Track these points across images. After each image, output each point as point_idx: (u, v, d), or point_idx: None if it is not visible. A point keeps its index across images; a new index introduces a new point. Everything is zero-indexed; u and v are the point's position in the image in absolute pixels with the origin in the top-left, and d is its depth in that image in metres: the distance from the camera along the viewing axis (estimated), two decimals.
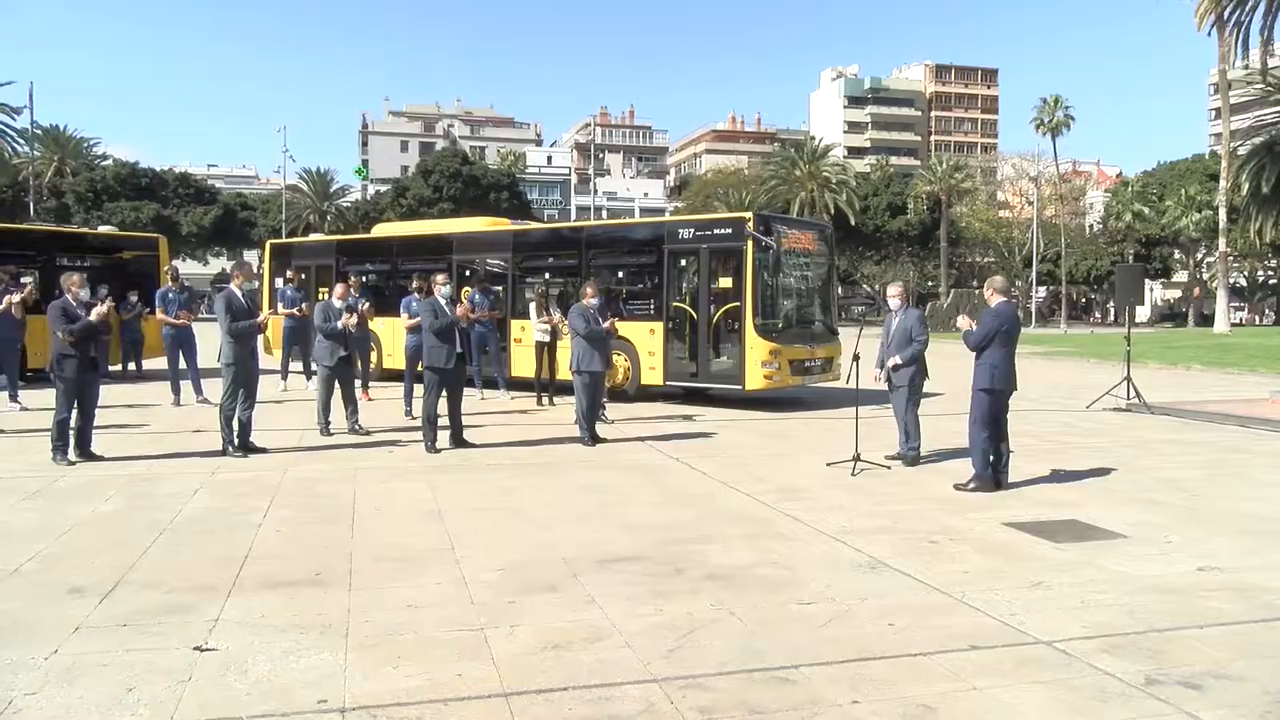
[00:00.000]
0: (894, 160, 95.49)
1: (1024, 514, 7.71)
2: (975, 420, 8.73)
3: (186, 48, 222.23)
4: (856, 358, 10.08)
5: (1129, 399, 15.54)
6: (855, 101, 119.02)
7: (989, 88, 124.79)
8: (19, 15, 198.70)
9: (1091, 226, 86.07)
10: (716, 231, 15.10)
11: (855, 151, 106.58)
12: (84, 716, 3.83)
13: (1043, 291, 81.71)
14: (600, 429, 11.62)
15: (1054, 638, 4.83)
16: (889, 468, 9.60)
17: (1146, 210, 71.23)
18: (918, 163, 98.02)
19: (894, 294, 10.77)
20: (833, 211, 66.01)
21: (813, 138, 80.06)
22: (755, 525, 7.28)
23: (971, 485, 8.67)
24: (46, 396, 10.06)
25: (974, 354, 8.84)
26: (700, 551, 6.46)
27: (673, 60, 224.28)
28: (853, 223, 66.83)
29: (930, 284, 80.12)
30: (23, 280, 15.45)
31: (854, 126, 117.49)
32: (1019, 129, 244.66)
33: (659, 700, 4.04)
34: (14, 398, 13.95)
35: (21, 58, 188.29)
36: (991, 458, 8.73)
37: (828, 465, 9.82)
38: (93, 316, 9.48)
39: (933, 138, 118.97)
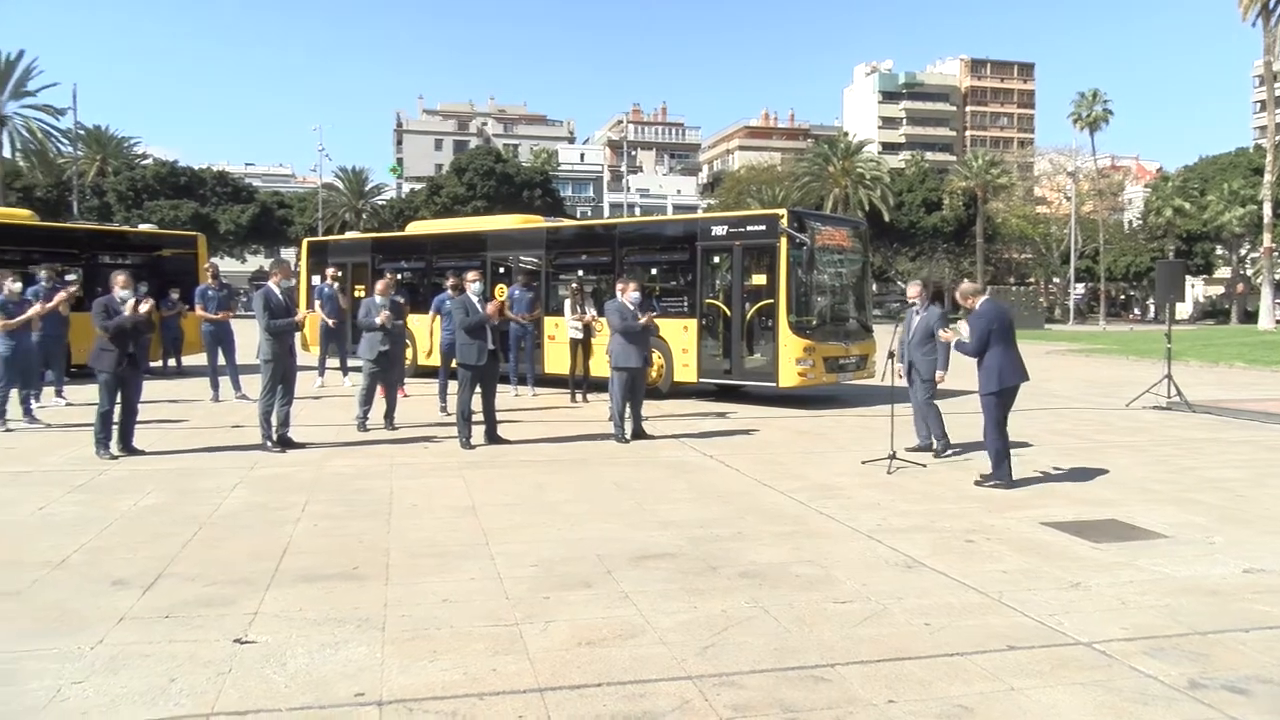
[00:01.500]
0: (929, 156, 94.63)
1: (1062, 513, 7.62)
2: (989, 423, 8.67)
3: (225, 49, 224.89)
4: (891, 355, 10.01)
5: (1169, 397, 15.31)
6: (889, 97, 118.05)
7: (1025, 82, 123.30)
8: (68, 19, 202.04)
9: (1131, 222, 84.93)
10: (750, 228, 15.06)
11: (890, 147, 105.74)
12: (129, 706, 3.90)
13: (1081, 288, 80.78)
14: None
15: (1093, 639, 4.77)
16: (924, 465, 9.53)
17: (1187, 205, 70.20)
18: (953, 158, 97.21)
19: (913, 292, 10.79)
20: (867, 208, 65.59)
21: (846, 134, 79.61)
22: (789, 523, 7.26)
23: (991, 483, 8.61)
24: (91, 392, 10.23)
25: (977, 360, 8.71)
26: (734, 549, 6.45)
27: (706, 57, 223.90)
28: (887, 219, 66.39)
29: (966, 280, 79.45)
30: (67, 278, 15.71)
31: (888, 122, 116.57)
32: (1056, 124, 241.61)
33: (693, 697, 4.04)
34: (59, 393, 14.21)
35: (65, 60, 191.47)
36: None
37: (863, 463, 9.77)
38: (126, 312, 9.64)
39: (968, 133, 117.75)
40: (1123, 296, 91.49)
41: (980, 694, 4.11)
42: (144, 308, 9.78)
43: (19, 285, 12.16)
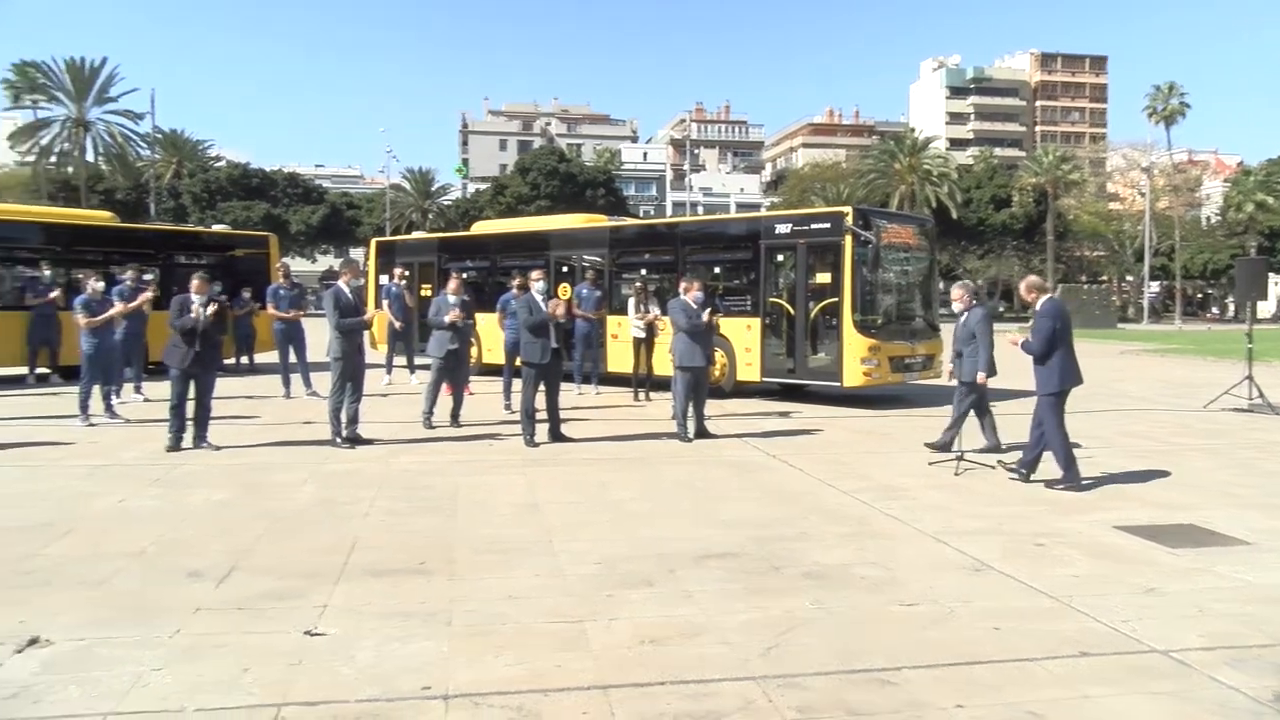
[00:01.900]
0: (998, 152, 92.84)
1: (1136, 517, 7.43)
2: (1051, 425, 8.50)
3: (295, 53, 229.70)
4: (959, 354, 9.85)
5: (1251, 399, 14.83)
6: (957, 92, 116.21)
7: (1097, 75, 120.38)
8: (146, 26, 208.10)
9: (1209, 218, 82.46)
10: (814, 226, 14.93)
11: (957, 143, 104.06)
12: (205, 694, 4.00)
13: (1155, 286, 78.65)
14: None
15: (1170, 647, 4.64)
16: (992, 468, 9.36)
17: (1270, 200, 67.91)
18: (1023, 154, 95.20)
19: (955, 296, 10.62)
20: (934, 205, 64.52)
21: (913, 130, 78.49)
22: (854, 524, 7.18)
23: (1061, 485, 8.44)
24: (167, 388, 10.52)
25: (1038, 360, 8.52)
26: (798, 549, 6.41)
27: (769, 54, 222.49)
28: (955, 216, 65.26)
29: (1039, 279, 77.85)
30: (145, 278, 16.17)
31: (956, 118, 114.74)
32: (1130, 118, 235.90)
33: (757, 698, 4.02)
34: (138, 389, 14.64)
35: (144, 67, 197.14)
36: (1035, 452, 8.70)
37: (929, 464, 9.63)
38: (192, 313, 9.93)
39: (1038, 128, 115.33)
40: (1200, 295, 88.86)
41: (1051, 700, 4.03)
42: (209, 309, 10.04)
43: (102, 285, 12.58)
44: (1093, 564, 6.13)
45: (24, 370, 17.12)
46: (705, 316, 11.25)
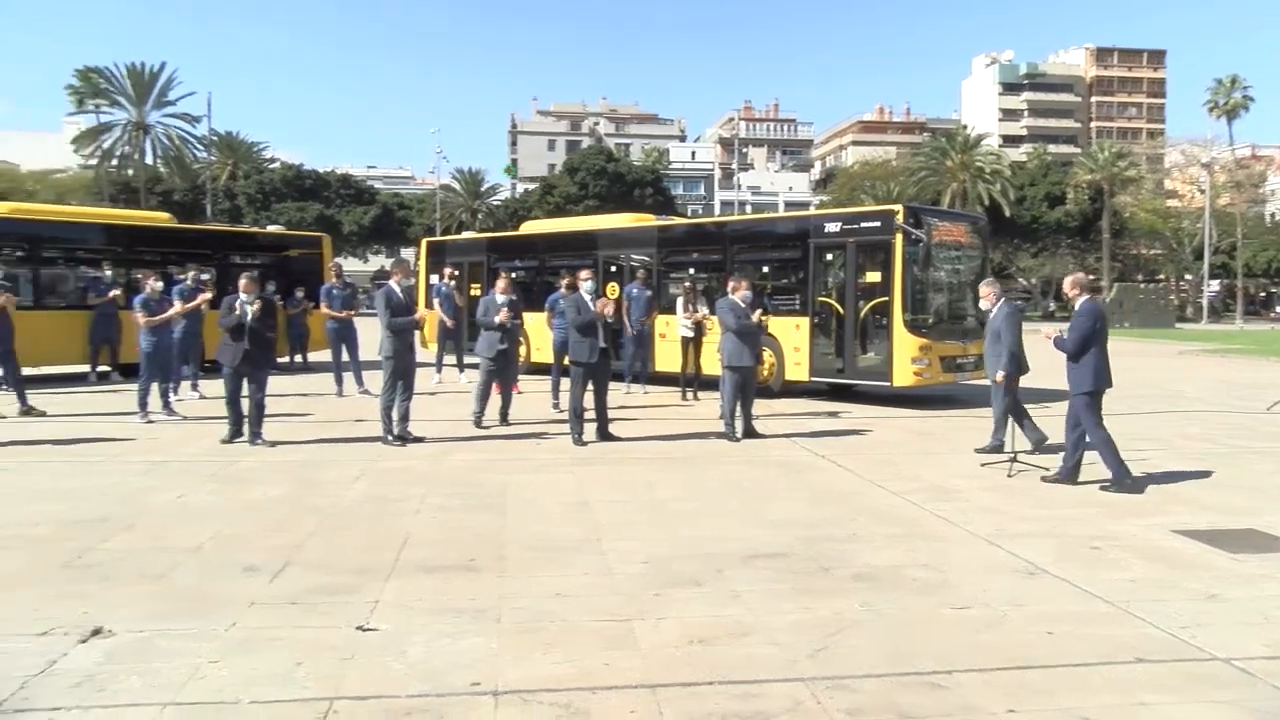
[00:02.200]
0: (1052, 149, 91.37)
1: (1195, 521, 7.26)
2: (1091, 426, 8.38)
3: (347, 56, 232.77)
4: (1014, 355, 9.71)
5: None
6: (1010, 88, 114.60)
7: (1155, 70, 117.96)
8: (201, 30, 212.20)
9: (1273, 215, 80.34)
10: (864, 225, 14.81)
11: (1010, 140, 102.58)
12: (260, 686, 4.07)
13: (1216, 285, 76.85)
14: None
15: (1231, 655, 4.53)
16: (1047, 469, 9.20)
17: None
18: (1077, 150, 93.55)
19: (984, 293, 10.60)
20: (986, 203, 63.69)
21: (965, 127, 77.53)
22: (904, 525, 7.11)
23: (1114, 488, 8.29)
24: (221, 386, 10.73)
25: (1072, 358, 8.41)
26: (847, 550, 6.36)
27: (819, 51, 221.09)
28: (1007, 214, 64.35)
29: (1092, 278, 76.30)
30: (204, 279, 16.51)
31: (1009, 114, 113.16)
32: (1190, 113, 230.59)
33: (805, 699, 4.00)
34: (195, 386, 14.94)
35: (199, 71, 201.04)
36: (1074, 457, 8.58)
37: (981, 465, 9.51)
38: (236, 311, 10.12)
39: (1093, 124, 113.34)
40: (1263, 294, 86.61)
41: (1106, 707, 3.95)
42: (250, 309, 10.23)
43: (161, 285, 12.87)
44: (1149, 568, 6.01)
45: (86, 368, 17.57)
46: (754, 316, 11.21)
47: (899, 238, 13.93)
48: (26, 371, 13.42)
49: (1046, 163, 76.66)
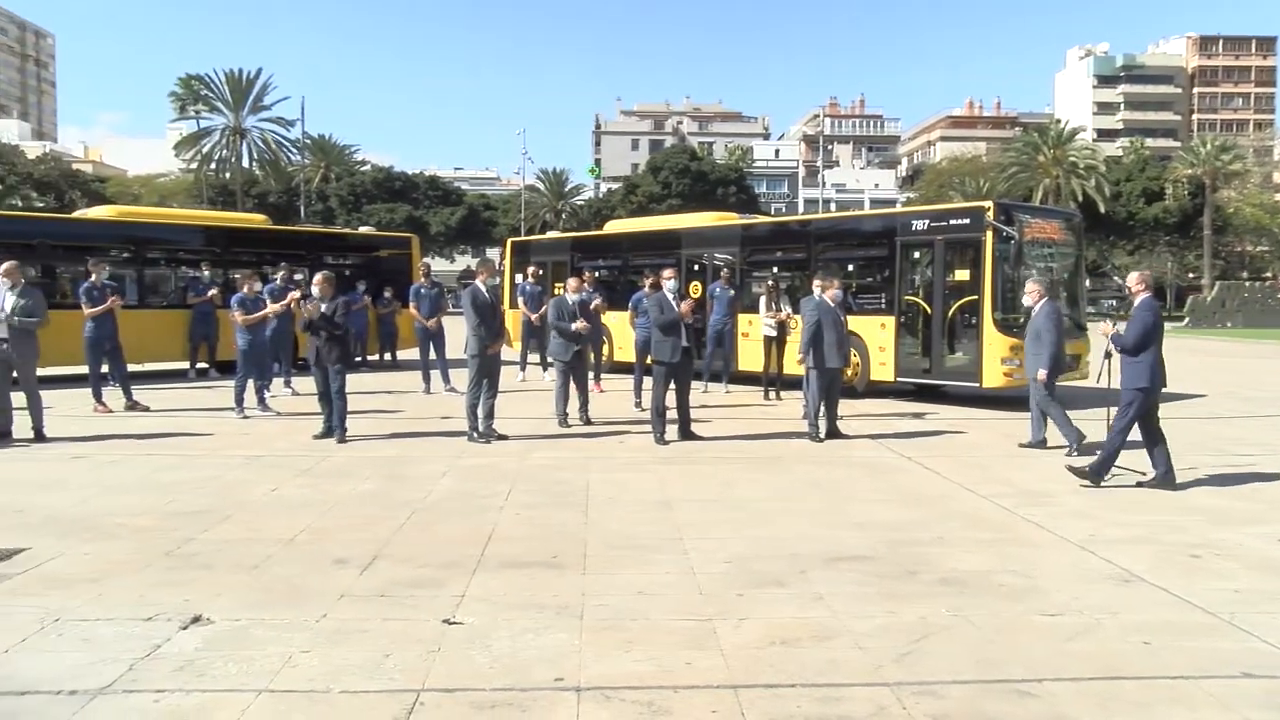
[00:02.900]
0: (1150, 142, 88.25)
1: None
2: (1123, 423, 8.35)
3: (436, 59, 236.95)
4: (1109, 355, 9.42)
5: None
6: (1106, 81, 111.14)
7: (1265, 58, 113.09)
8: (295, 36, 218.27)
9: None
10: (953, 222, 14.53)
11: (1105, 134, 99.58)
12: (349, 677, 4.18)
13: None
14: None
15: None
16: (1144, 474, 8.89)
17: None
18: (1177, 144, 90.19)
19: (1029, 290, 10.71)
20: (1080, 199, 61.83)
21: (1058, 121, 75.28)
22: (993, 530, 6.95)
23: (1091, 476, 8.40)
24: (312, 383, 11.06)
25: (1129, 354, 8.34)
26: (934, 554, 6.24)
27: (906, 46, 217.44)
28: (1102, 210, 62.37)
29: (1192, 275, 73.69)
30: (296, 278, 16.98)
31: (1104, 107, 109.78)
32: None
33: (890, 704, 3.94)
34: (287, 383, 15.38)
35: (294, 76, 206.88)
36: (1156, 461, 8.51)
37: (1074, 469, 9.23)
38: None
39: (1195, 116, 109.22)
40: None
41: None
42: (307, 309, 10.63)
43: (259, 285, 13.30)
44: (1256, 578, 5.76)
45: (185, 365, 18.25)
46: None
47: (989, 235, 13.63)
48: (130, 368, 13.97)
49: (1144, 157, 74.05)
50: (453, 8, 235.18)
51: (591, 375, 14.12)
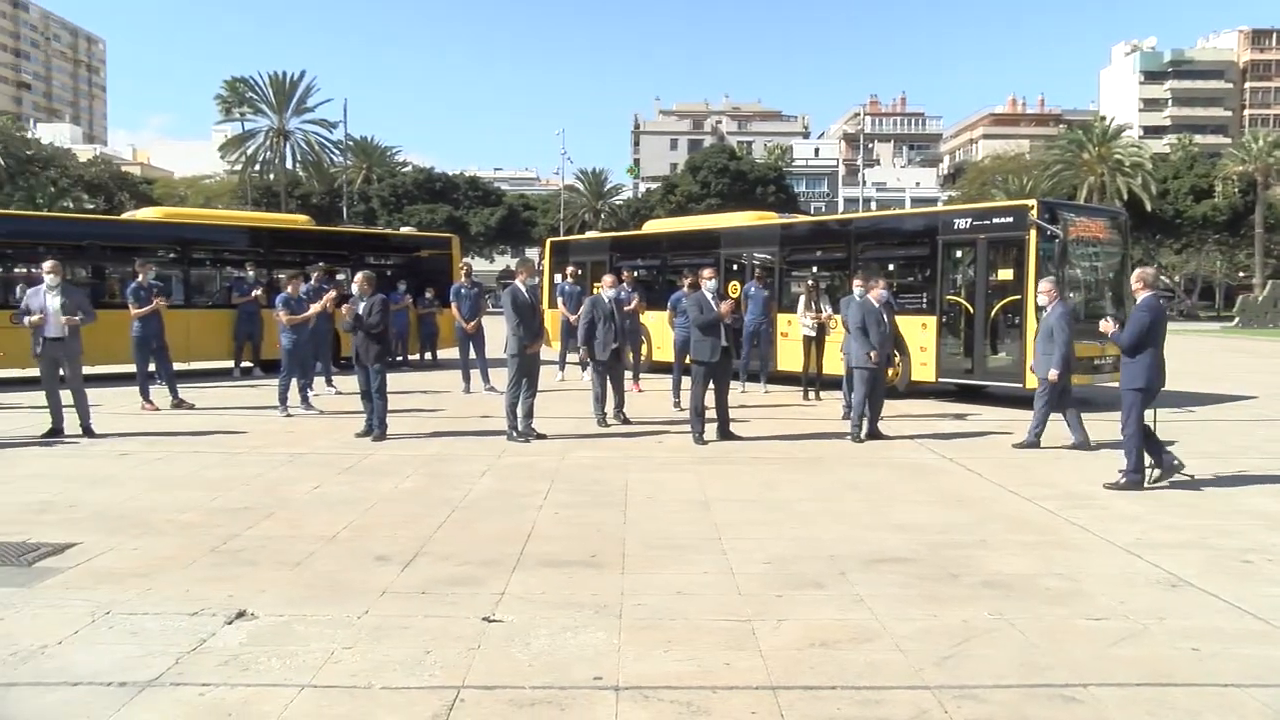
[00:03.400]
0: (1198, 139, 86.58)
1: None
2: (1133, 423, 8.37)
3: (475, 61, 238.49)
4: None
5: None
6: (1152, 76, 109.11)
7: None
8: (336, 39, 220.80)
9: None
10: (996, 221, 14.37)
11: (1152, 130, 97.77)
12: (390, 672, 4.21)
13: None
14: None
15: None
16: (1193, 477, 8.74)
17: None
18: (1227, 140, 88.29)
19: (1044, 288, 10.80)
20: (1126, 197, 60.74)
21: (1103, 118, 74.08)
22: (1037, 532, 6.86)
23: (1123, 482, 8.36)
24: (354, 383, 11.18)
25: (1127, 353, 8.38)
26: (976, 557, 6.17)
27: (948, 43, 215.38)
28: (1149, 208, 61.23)
29: (1242, 275, 72.16)
30: (337, 278, 17.19)
31: (1151, 104, 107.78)
32: None
33: (931, 708, 3.90)
34: (329, 382, 15.55)
35: (337, 78, 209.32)
36: (1158, 452, 8.56)
37: (1120, 471, 9.08)
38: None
39: (1246, 112, 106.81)
40: None
41: None
42: (345, 310, 10.89)
43: (304, 285, 13.46)
44: None
45: (230, 364, 18.53)
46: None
47: (1033, 234, 13.47)
48: (176, 366, 14.20)
49: (1192, 154, 72.63)
50: (494, 10, 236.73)
51: (630, 375, 14.15)
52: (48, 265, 10.83)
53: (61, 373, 10.76)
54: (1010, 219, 14.08)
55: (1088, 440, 10.39)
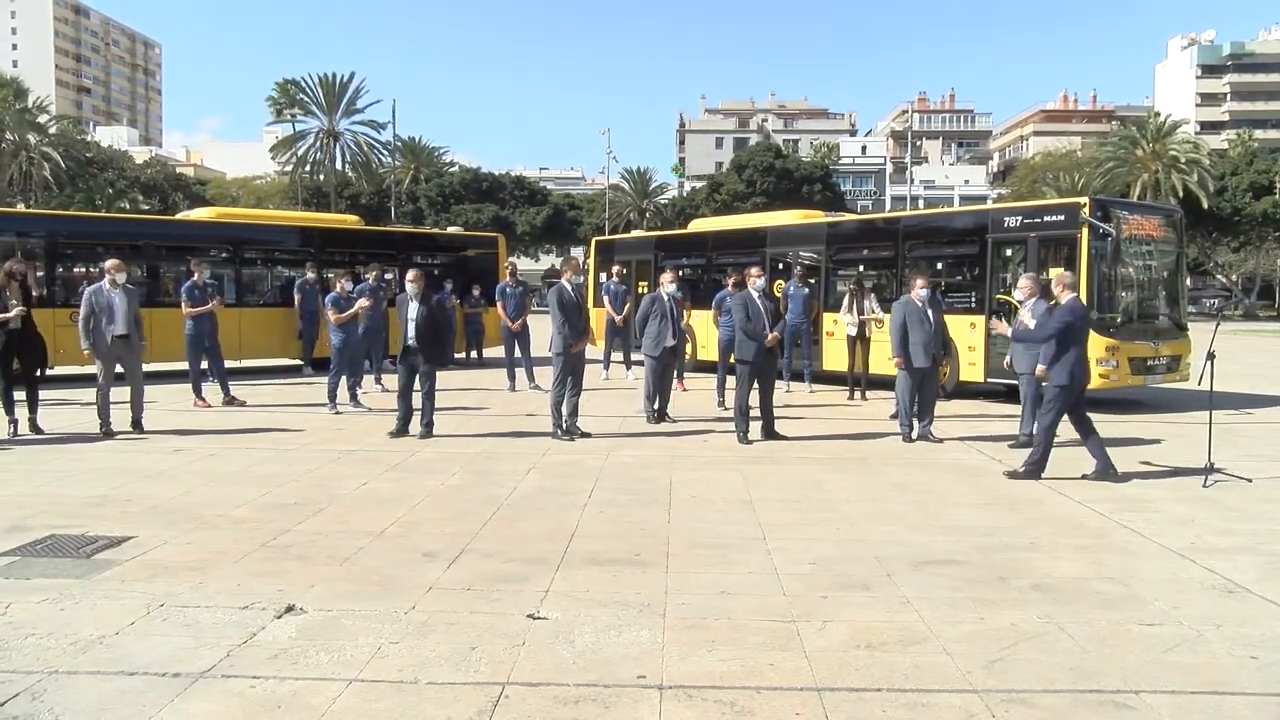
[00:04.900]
0: (1259, 134, 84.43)
1: None
2: (1051, 416, 8.80)
3: (522, 63, 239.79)
4: (1211, 356, 9.06)
5: None
6: (1210, 71, 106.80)
7: None
8: (386, 41, 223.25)
9: None
10: (1047, 219, 14.16)
11: (1210, 126, 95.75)
12: (436, 668, 4.26)
13: None
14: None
15: None
16: (1249, 480, 8.54)
17: None
18: None
19: (1023, 284, 10.67)
20: (1181, 194, 59.50)
21: (1157, 114, 72.63)
22: (1088, 536, 6.75)
23: (1023, 474, 8.70)
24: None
25: (1053, 353, 8.72)
26: (1025, 559, 6.09)
27: (998, 39, 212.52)
28: (1205, 206, 59.89)
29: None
30: (386, 278, 17.37)
31: (1208, 99, 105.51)
32: None
33: (979, 712, 3.85)
34: (378, 380, 15.73)
35: (386, 79, 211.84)
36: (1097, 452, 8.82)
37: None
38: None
39: None
40: None
41: None
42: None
43: (350, 284, 13.63)
44: None
45: (279, 361, 18.83)
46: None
47: (1085, 232, 13.24)
48: (228, 364, 14.46)
49: (1252, 150, 70.88)
50: (542, 12, 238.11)
51: (675, 374, 14.12)
52: (111, 264, 11.08)
53: (119, 370, 11.01)
54: (1062, 217, 13.86)
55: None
